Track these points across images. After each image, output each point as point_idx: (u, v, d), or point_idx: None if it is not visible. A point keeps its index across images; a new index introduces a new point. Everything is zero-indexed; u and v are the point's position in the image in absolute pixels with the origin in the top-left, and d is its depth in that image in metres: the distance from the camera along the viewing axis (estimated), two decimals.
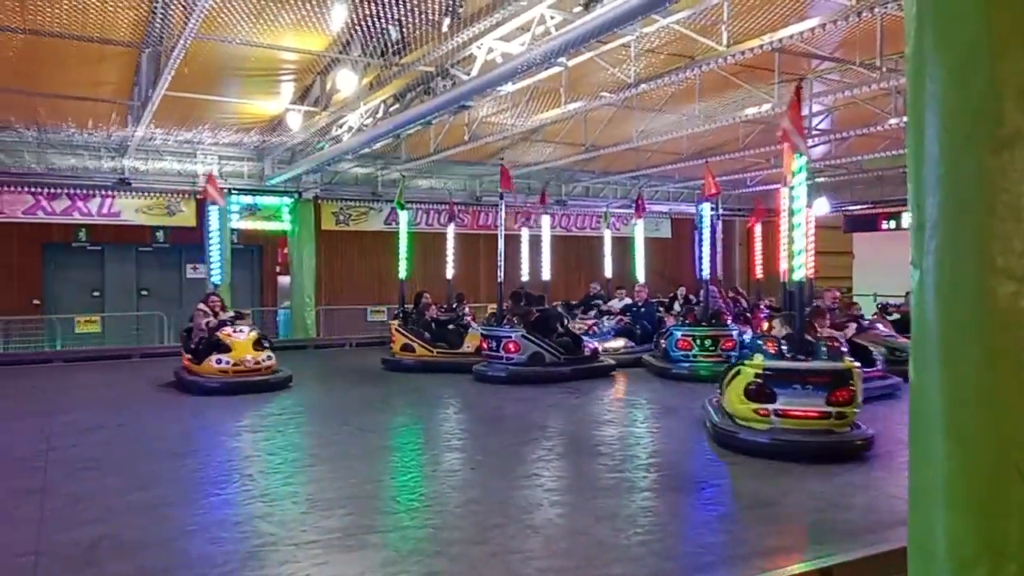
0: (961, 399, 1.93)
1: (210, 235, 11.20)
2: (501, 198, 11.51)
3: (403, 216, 13.17)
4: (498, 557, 4.02)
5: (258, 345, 9.94)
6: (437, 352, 11.50)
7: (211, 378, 9.54)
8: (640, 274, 14.85)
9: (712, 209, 13.77)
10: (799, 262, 6.59)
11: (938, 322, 1.96)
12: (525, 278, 13.94)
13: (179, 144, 13.58)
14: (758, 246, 14.33)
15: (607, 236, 16.07)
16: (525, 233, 14.22)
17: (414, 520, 4.70)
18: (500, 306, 11.25)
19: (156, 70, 8.74)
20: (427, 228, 17.29)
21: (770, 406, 6.18)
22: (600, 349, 11.67)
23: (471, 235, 17.79)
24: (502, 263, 11.37)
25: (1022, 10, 1.93)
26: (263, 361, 9.79)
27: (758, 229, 14.47)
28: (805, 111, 10.62)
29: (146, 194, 14.52)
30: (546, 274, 13.77)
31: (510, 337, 10.52)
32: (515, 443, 6.76)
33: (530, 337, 10.51)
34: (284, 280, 16.42)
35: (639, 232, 15.40)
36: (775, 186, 17.57)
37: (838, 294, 11.87)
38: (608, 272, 15.60)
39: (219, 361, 9.58)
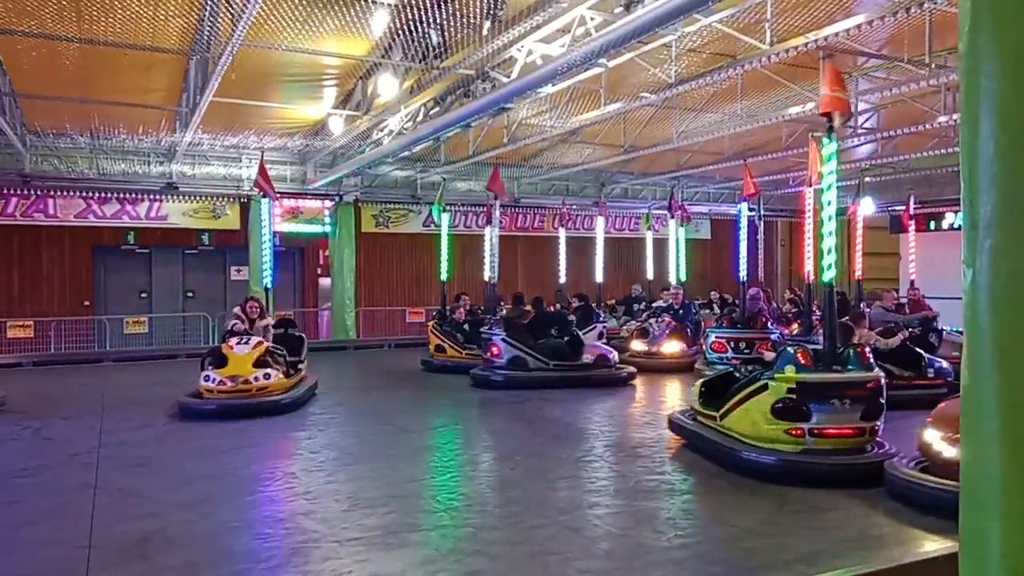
0: (1017, 403, 1.88)
1: (259, 234, 11.36)
2: (495, 199, 11.66)
3: (444, 219, 13.27)
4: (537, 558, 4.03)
5: (261, 362, 8.57)
6: (466, 354, 11.49)
7: (204, 399, 8.22)
8: (676, 275, 14.62)
9: (751, 209, 13.60)
10: (829, 261, 6.01)
11: (992, 324, 1.91)
12: (563, 279, 13.95)
13: (225, 149, 13.88)
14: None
15: (648, 237, 15.96)
16: (562, 234, 14.22)
17: (453, 519, 4.73)
18: (492, 307, 11.26)
19: (204, 76, 8.94)
20: (465, 230, 17.38)
21: (805, 425, 5.50)
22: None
23: (509, 236, 17.82)
24: (495, 263, 11.54)
25: None
26: (256, 380, 8.33)
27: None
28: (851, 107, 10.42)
29: (192, 198, 14.87)
30: (598, 275, 13.88)
31: (490, 340, 10.28)
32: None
33: (510, 340, 10.11)
34: (325, 282, 16.65)
35: (672, 232, 15.18)
36: (818, 186, 17.33)
37: (894, 294, 11.55)
38: (649, 274, 15.50)
39: (207, 378, 8.29)
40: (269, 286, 10.78)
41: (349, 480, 5.62)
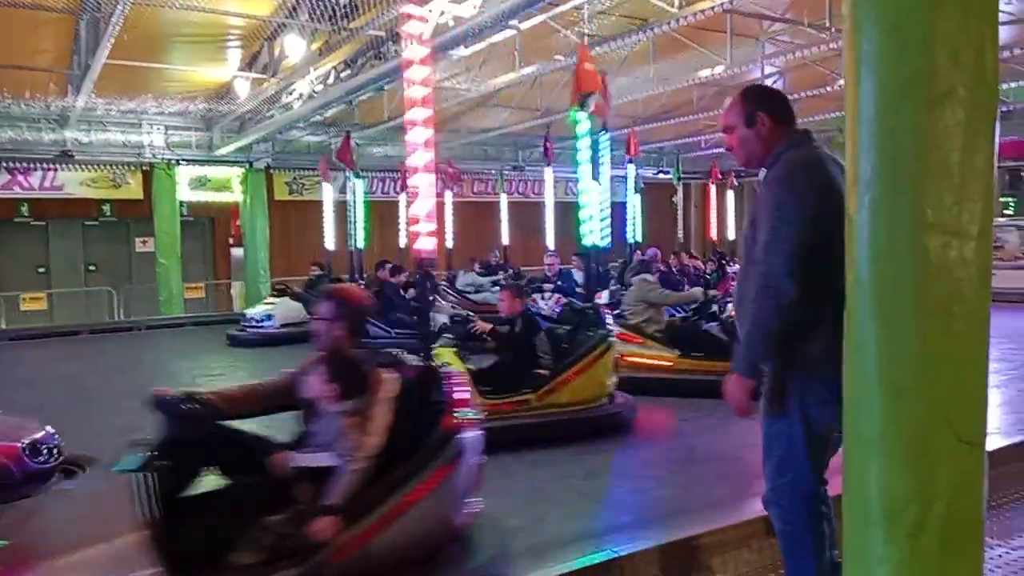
0: (895, 353, 1.99)
1: (166, 204, 10.91)
2: (344, 170, 11.87)
3: (359, 184, 12.99)
4: None
5: None
6: None
7: None
8: (550, 240, 13.18)
9: (665, 172, 13.84)
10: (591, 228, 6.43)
11: (871, 276, 2.01)
12: (450, 244, 14.07)
13: (123, 114, 13.16)
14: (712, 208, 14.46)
15: (549, 200, 15.39)
16: (448, 197, 14.23)
17: None
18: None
19: (95, 37, 8.43)
20: (383, 197, 17.10)
21: None
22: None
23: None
24: (354, 231, 12.00)
25: None
26: None
27: (713, 191, 14.62)
28: (757, 73, 10.71)
29: (90, 167, 14.08)
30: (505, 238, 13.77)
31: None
32: None
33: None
34: (238, 252, 16.15)
35: (548, 187, 13.70)
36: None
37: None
38: (552, 241, 14.85)
39: None
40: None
41: None
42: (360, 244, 12.78)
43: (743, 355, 2.38)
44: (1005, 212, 16.93)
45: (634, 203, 12.37)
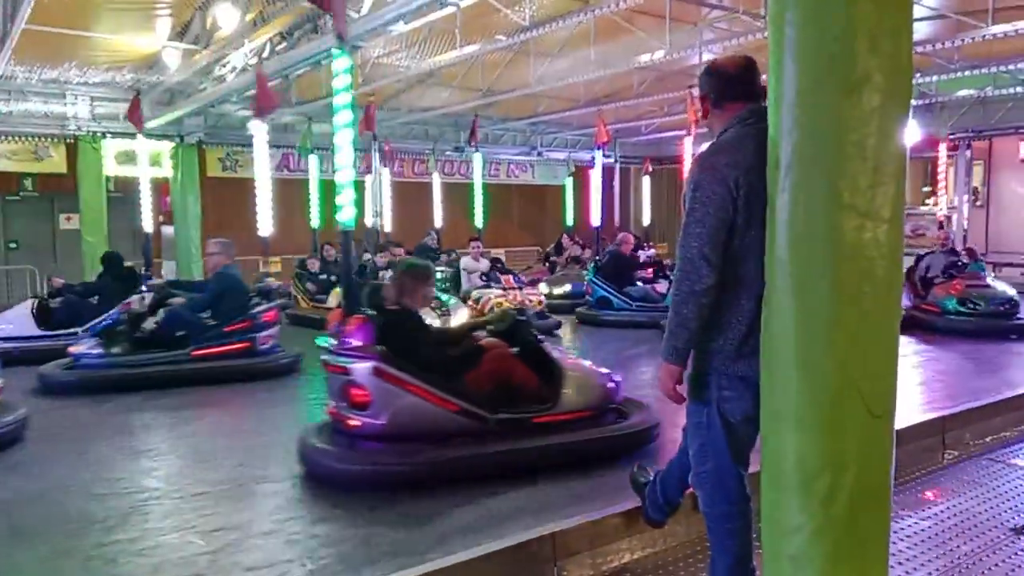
0: (810, 329, 2.07)
1: (91, 178, 10.40)
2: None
3: (312, 161, 12.72)
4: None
5: None
6: (313, 306, 11.17)
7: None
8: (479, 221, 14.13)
9: (607, 156, 13.97)
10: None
11: (790, 256, 2.08)
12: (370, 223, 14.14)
13: (44, 84, 12.52)
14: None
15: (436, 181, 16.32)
16: (386, 175, 14.34)
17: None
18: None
19: (13, 1, 7.98)
20: (322, 176, 16.75)
21: None
22: None
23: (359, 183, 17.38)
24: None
25: None
26: None
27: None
28: (696, 59, 10.86)
29: (10, 138, 13.39)
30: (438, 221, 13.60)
31: None
32: None
33: None
34: (168, 231, 15.63)
35: (477, 173, 14.65)
36: (670, 133, 18.10)
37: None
38: (480, 222, 15.33)
39: None
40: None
41: (191, 435, 5.40)
42: (316, 223, 12.61)
43: (666, 341, 2.39)
44: (925, 202, 17.63)
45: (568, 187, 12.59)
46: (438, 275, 10.09)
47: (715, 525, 2.51)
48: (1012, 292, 9.49)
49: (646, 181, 18.62)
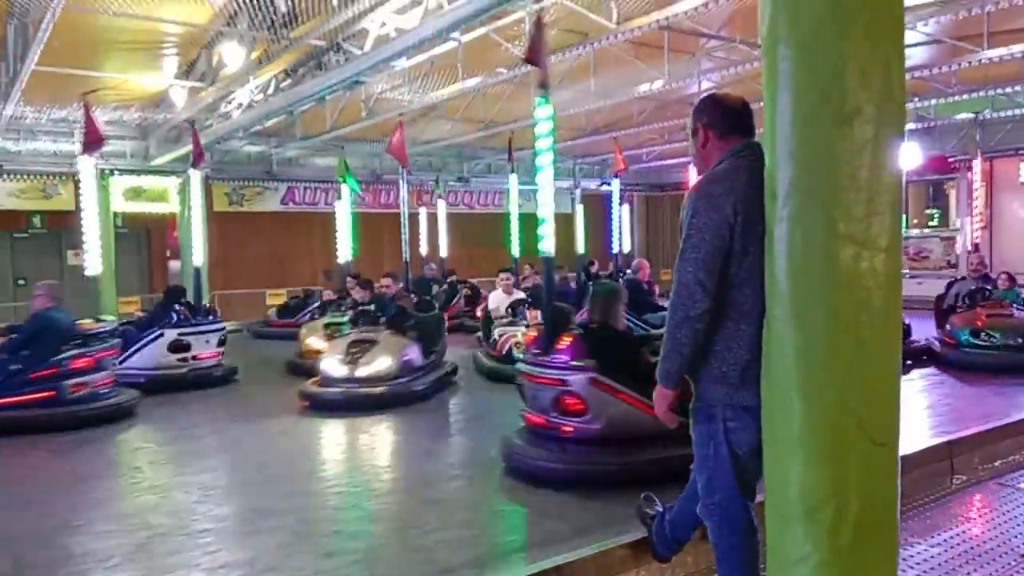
0: (809, 358, 2.08)
1: (99, 214, 10.50)
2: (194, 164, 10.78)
3: (345, 191, 12.81)
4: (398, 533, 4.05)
5: None
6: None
7: None
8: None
9: (608, 184, 13.96)
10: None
11: (788, 285, 2.10)
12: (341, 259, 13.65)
13: (54, 123, 12.74)
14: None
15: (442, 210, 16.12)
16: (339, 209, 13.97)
17: (314, 502, 4.66)
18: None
19: (24, 42, 8.15)
20: (327, 208, 16.92)
21: None
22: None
23: (373, 215, 17.53)
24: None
25: None
26: None
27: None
28: (695, 88, 10.98)
29: (19, 177, 13.59)
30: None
31: None
32: None
33: None
34: (175, 265, 15.75)
35: (514, 194, 13.58)
36: (671, 161, 18.24)
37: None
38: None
39: None
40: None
41: (200, 472, 5.40)
42: (349, 255, 12.58)
43: (660, 365, 2.41)
44: (930, 224, 17.65)
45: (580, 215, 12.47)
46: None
47: (723, 556, 2.50)
48: None
49: (626, 210, 18.70)
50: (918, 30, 8.49)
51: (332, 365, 7.42)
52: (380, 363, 7.36)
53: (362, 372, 7.29)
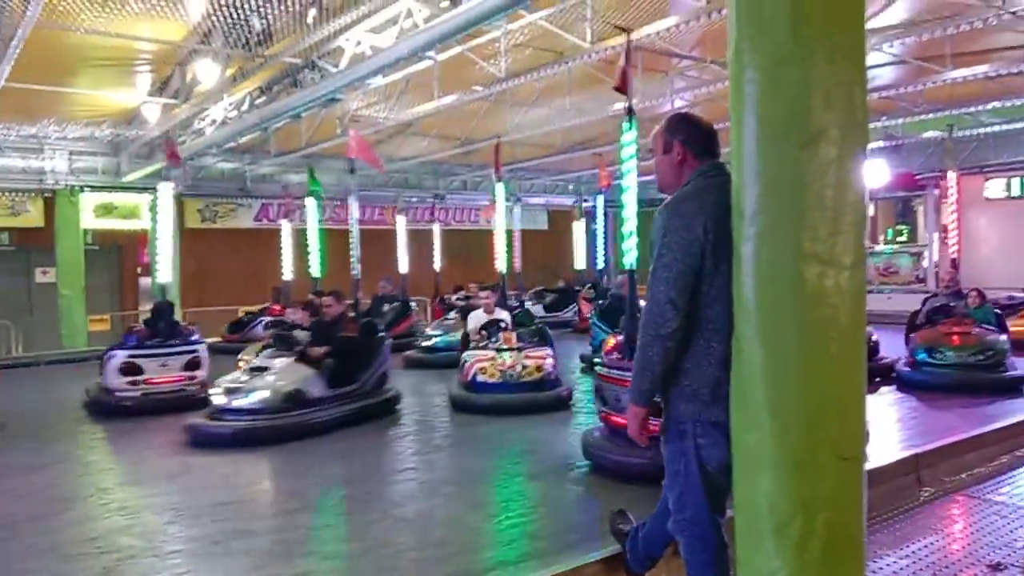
0: (778, 376, 2.12)
1: (68, 232, 10.32)
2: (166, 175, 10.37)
3: (310, 205, 12.51)
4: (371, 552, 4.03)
5: None
6: None
7: None
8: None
9: (586, 200, 13.97)
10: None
11: (756, 303, 2.14)
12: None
13: (23, 139, 12.58)
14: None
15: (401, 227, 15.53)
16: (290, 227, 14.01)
17: (287, 521, 4.62)
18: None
19: None
20: (301, 224, 16.79)
21: None
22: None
23: (346, 231, 17.43)
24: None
25: (825, 22, 2.15)
26: None
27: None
28: (668, 106, 11.13)
29: None
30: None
31: None
32: None
33: None
34: (146, 282, 15.56)
35: (500, 206, 13.00)
36: (645, 178, 18.35)
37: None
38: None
39: None
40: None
41: (171, 492, 5.32)
42: (317, 272, 12.18)
43: (632, 383, 2.44)
44: (899, 239, 17.97)
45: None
46: None
47: (695, 572, 2.52)
48: (999, 342, 8.19)
49: (578, 227, 18.73)
50: (884, 51, 8.68)
51: (216, 394, 6.86)
52: (257, 395, 6.66)
53: (238, 403, 6.63)
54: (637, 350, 2.40)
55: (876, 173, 14.88)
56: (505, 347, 8.14)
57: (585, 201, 20.74)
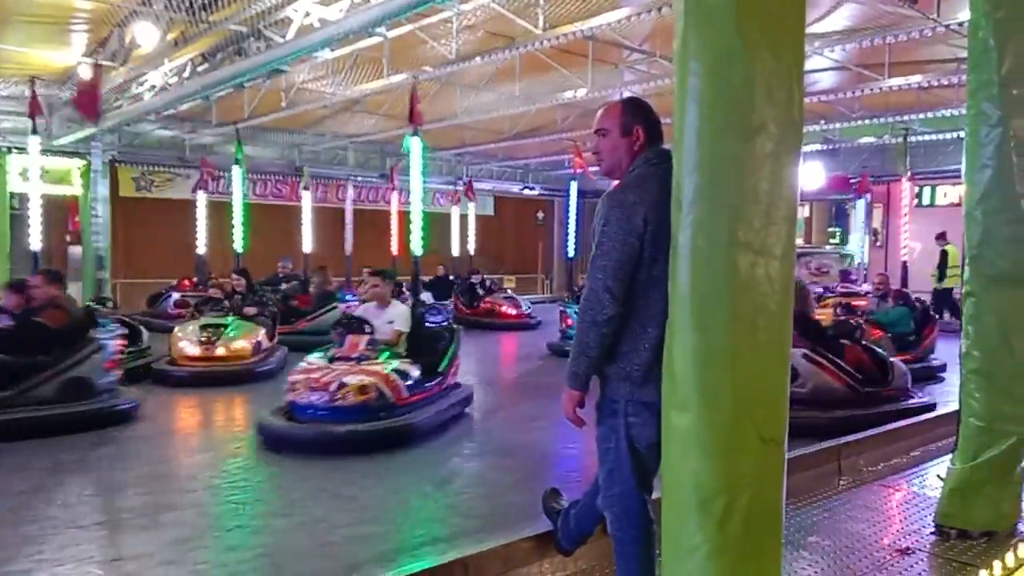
0: (710, 359, 2.19)
1: None
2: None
3: (236, 176, 12.15)
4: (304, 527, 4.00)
5: None
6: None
7: None
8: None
9: (530, 188, 13.97)
10: None
11: (691, 289, 2.21)
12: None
13: None
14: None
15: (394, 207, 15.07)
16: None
17: (215, 497, 4.55)
18: None
19: None
20: (254, 199, 16.44)
21: None
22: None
23: (287, 207, 17.16)
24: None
25: (769, 19, 2.21)
26: None
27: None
28: (616, 97, 11.24)
29: None
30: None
31: None
32: None
33: None
34: (76, 250, 15.00)
35: (415, 166, 12.76)
36: (594, 168, 18.55)
37: None
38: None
39: None
40: None
41: (96, 463, 5.18)
42: (239, 246, 11.72)
43: (569, 367, 2.48)
44: (831, 241, 18.60)
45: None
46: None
47: (621, 548, 2.59)
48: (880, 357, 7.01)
49: (471, 207, 18.78)
50: (825, 55, 8.96)
51: None
52: None
53: None
54: (575, 335, 2.46)
55: (812, 175, 15.37)
56: (351, 356, 5.98)
57: (528, 189, 20.90)
